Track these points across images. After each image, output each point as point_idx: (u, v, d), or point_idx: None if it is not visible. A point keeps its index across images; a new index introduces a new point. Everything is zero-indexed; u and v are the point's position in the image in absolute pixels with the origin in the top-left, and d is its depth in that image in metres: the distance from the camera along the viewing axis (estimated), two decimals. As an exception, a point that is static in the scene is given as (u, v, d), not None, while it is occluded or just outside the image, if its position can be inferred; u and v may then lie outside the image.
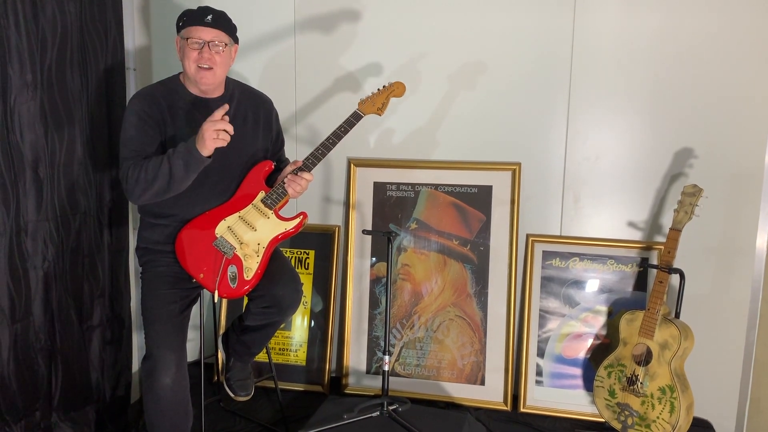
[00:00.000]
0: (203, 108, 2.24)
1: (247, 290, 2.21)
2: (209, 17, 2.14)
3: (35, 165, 2.23)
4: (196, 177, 2.20)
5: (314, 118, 3.00)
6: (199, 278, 2.20)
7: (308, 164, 2.24)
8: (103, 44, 2.54)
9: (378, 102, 2.38)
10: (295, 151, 3.00)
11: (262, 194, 2.25)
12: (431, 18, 2.82)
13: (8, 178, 2.12)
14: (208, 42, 2.13)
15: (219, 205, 2.25)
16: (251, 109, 2.34)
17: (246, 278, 2.19)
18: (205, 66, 2.14)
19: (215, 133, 2.01)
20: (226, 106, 2.06)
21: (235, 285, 2.18)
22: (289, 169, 2.25)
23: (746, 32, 2.53)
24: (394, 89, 2.41)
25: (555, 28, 2.70)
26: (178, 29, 2.19)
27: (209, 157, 2.06)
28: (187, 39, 2.13)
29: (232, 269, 2.19)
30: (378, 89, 2.40)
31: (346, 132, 2.30)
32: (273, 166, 2.34)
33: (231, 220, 2.23)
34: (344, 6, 2.89)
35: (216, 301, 2.20)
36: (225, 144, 2.04)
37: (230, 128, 2.03)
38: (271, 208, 2.23)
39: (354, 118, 2.32)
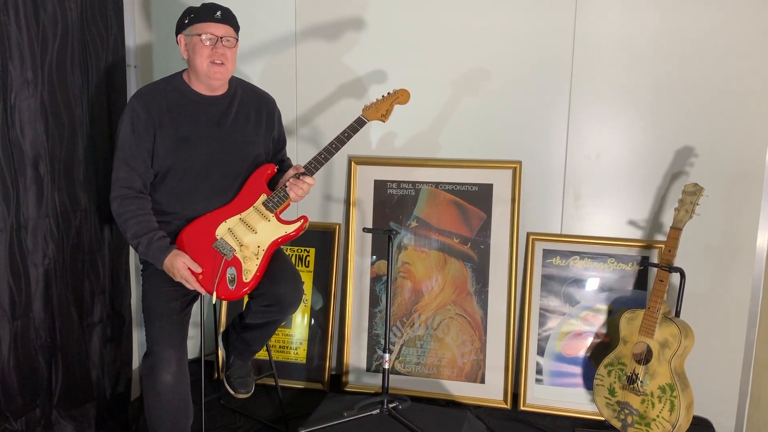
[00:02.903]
0: (206, 106, 2.24)
1: (246, 293, 2.20)
2: (219, 13, 2.16)
3: (36, 162, 2.23)
4: (197, 175, 2.21)
5: (316, 124, 3.00)
6: (198, 279, 2.20)
7: (310, 168, 2.24)
8: (104, 41, 2.54)
9: (382, 108, 2.37)
10: (296, 155, 2.99)
11: (263, 197, 2.25)
12: (432, 20, 2.82)
13: (9, 175, 2.12)
14: (221, 37, 2.15)
15: (220, 206, 2.25)
16: (254, 107, 2.34)
17: (245, 280, 2.19)
18: (218, 62, 2.15)
19: (180, 277, 2.14)
20: (200, 274, 2.17)
21: (233, 287, 2.18)
22: (291, 172, 2.25)
23: (747, 31, 2.53)
24: (399, 96, 2.40)
25: (556, 28, 2.70)
26: (183, 27, 2.18)
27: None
28: (200, 36, 2.13)
29: (231, 271, 2.19)
30: (383, 96, 2.39)
31: (349, 137, 2.30)
32: (276, 170, 2.34)
33: (232, 222, 2.23)
34: (345, 12, 2.89)
35: (214, 302, 2.20)
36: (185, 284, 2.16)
37: (197, 288, 2.15)
38: (272, 211, 2.23)
39: (358, 124, 2.32)
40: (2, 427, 2.14)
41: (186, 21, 2.18)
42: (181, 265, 2.12)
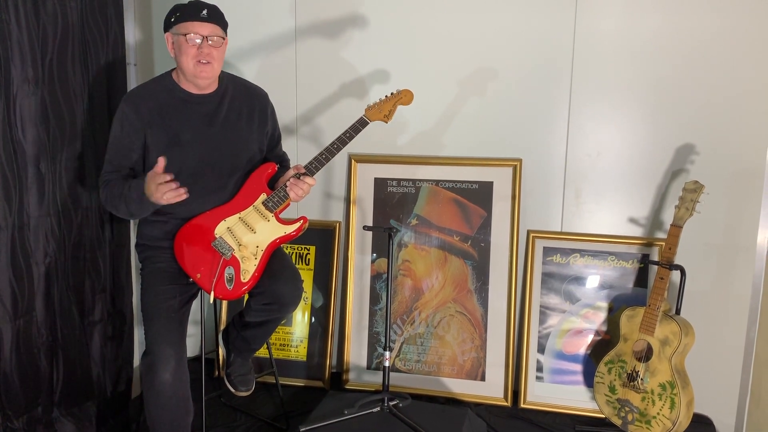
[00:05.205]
0: (197, 105, 2.23)
1: (244, 292, 2.20)
2: (204, 12, 2.13)
3: (37, 160, 2.23)
4: (190, 175, 2.19)
5: (317, 123, 3.00)
6: (196, 278, 2.20)
7: (311, 168, 2.23)
8: (104, 39, 2.54)
9: (385, 109, 2.36)
10: (296, 154, 2.99)
11: (263, 196, 2.24)
12: (433, 20, 2.82)
13: (10, 174, 2.13)
14: (206, 37, 2.13)
15: (219, 205, 2.25)
16: (245, 103, 2.33)
17: (243, 280, 2.18)
18: (204, 61, 2.14)
19: (162, 191, 2.00)
20: (162, 161, 2.03)
21: (231, 287, 2.18)
22: (291, 172, 2.24)
23: (748, 29, 2.52)
24: (402, 97, 2.38)
25: (556, 27, 2.70)
26: (169, 25, 2.17)
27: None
28: (185, 35, 2.12)
29: (229, 271, 2.18)
30: (386, 96, 2.38)
31: (351, 138, 2.28)
32: (276, 168, 2.33)
33: (231, 221, 2.23)
34: (346, 10, 2.89)
35: (211, 302, 2.20)
36: (181, 198, 2.03)
37: (171, 185, 2.01)
38: (271, 211, 2.23)
39: (360, 124, 2.31)
40: (4, 426, 2.14)
41: (172, 19, 2.16)
42: (154, 186, 2.02)
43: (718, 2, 2.54)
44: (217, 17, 2.17)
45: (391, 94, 2.38)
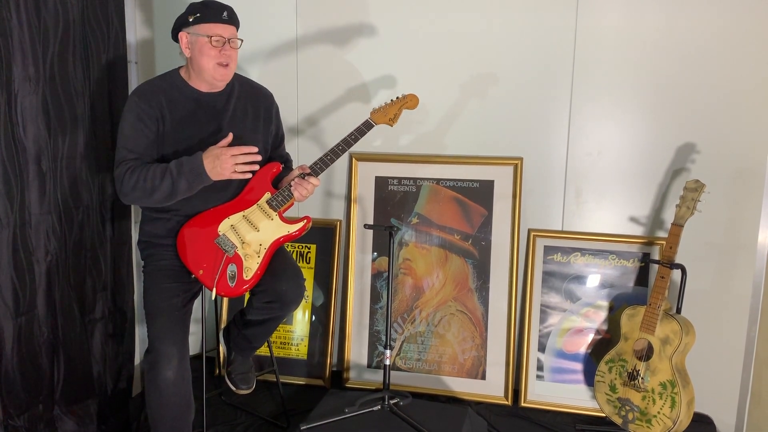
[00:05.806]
0: (204, 103, 2.24)
1: (246, 290, 2.21)
2: (225, 14, 2.15)
3: (38, 158, 2.23)
4: None
5: (321, 125, 3.00)
6: (198, 275, 2.20)
7: (316, 169, 2.24)
8: (105, 37, 2.54)
9: (390, 113, 2.37)
10: (297, 156, 2.99)
11: (267, 195, 2.25)
12: (436, 20, 2.82)
13: (12, 172, 2.13)
14: (228, 39, 2.15)
15: (223, 203, 2.25)
16: (251, 102, 2.34)
17: (245, 278, 2.19)
18: (224, 63, 2.16)
19: (236, 161, 2.10)
20: (230, 137, 2.15)
21: (233, 284, 2.18)
22: (296, 172, 2.25)
23: (749, 28, 2.52)
24: (407, 101, 2.39)
25: (558, 26, 2.70)
26: (186, 24, 2.16)
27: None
28: (209, 37, 2.13)
29: (231, 268, 2.19)
30: (392, 100, 2.38)
31: (356, 140, 2.30)
32: (281, 168, 2.33)
33: (235, 218, 2.23)
34: (347, 15, 2.90)
35: (213, 298, 2.20)
36: (248, 176, 2.17)
37: (248, 157, 2.13)
38: (275, 210, 2.23)
39: (365, 127, 2.32)
40: (5, 423, 2.14)
41: (190, 19, 2.15)
42: (228, 158, 2.10)
43: (719, 1, 2.53)
44: (235, 19, 2.20)
45: (397, 98, 2.38)
